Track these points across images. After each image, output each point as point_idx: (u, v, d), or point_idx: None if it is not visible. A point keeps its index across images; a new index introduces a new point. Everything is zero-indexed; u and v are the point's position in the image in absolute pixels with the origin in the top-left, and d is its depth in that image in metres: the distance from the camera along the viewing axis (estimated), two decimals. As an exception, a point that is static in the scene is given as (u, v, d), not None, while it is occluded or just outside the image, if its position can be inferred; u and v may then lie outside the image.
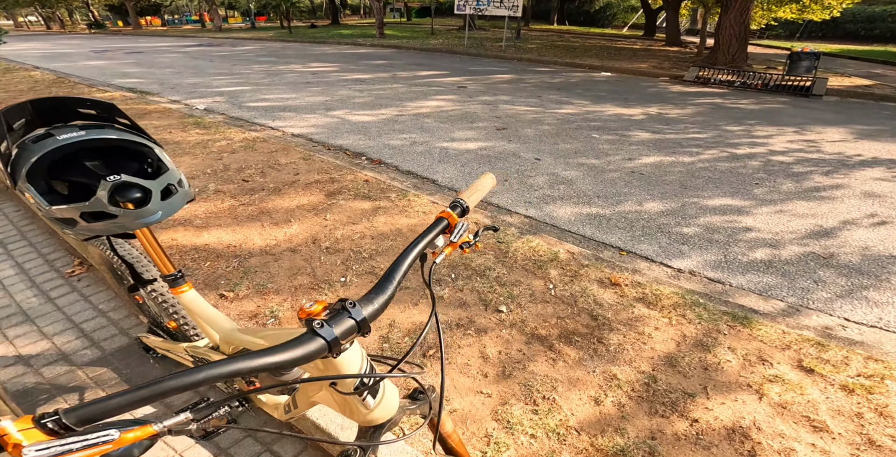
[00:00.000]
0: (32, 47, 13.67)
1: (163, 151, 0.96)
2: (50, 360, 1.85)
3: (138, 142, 0.92)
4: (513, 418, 1.54)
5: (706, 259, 2.61)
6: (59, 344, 1.95)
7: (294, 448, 1.48)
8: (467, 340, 1.86)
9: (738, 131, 5.58)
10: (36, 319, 2.10)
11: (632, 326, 1.94)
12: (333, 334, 0.51)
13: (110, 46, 14.47)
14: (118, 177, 0.81)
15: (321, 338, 0.50)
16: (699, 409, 1.58)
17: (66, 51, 13.85)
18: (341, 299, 0.56)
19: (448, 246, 0.74)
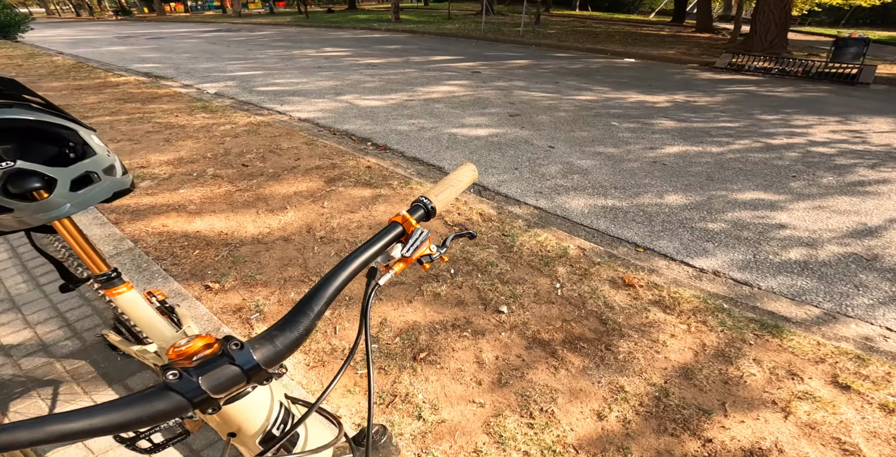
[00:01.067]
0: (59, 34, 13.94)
1: (92, 134, 0.82)
2: (30, 351, 1.78)
3: (55, 123, 0.77)
4: (506, 432, 1.39)
5: (733, 258, 2.38)
6: (41, 334, 1.88)
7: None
8: (462, 342, 1.71)
9: (775, 120, 5.19)
10: (22, 307, 2.04)
11: (645, 333, 1.75)
12: (198, 388, 0.37)
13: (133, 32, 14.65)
14: (11, 163, 0.67)
15: (177, 393, 0.36)
16: (715, 427, 1.40)
17: (91, 37, 14.06)
18: (226, 338, 0.41)
19: (399, 261, 0.59)
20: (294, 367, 1.61)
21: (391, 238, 0.58)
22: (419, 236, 0.59)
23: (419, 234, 0.59)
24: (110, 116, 4.61)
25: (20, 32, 11.60)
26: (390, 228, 0.59)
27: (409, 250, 0.58)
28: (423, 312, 1.85)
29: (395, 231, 0.58)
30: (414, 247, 0.58)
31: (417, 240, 0.59)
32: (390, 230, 0.58)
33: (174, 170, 3.26)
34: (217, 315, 1.91)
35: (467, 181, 0.72)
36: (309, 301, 0.46)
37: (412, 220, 0.60)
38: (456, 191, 0.69)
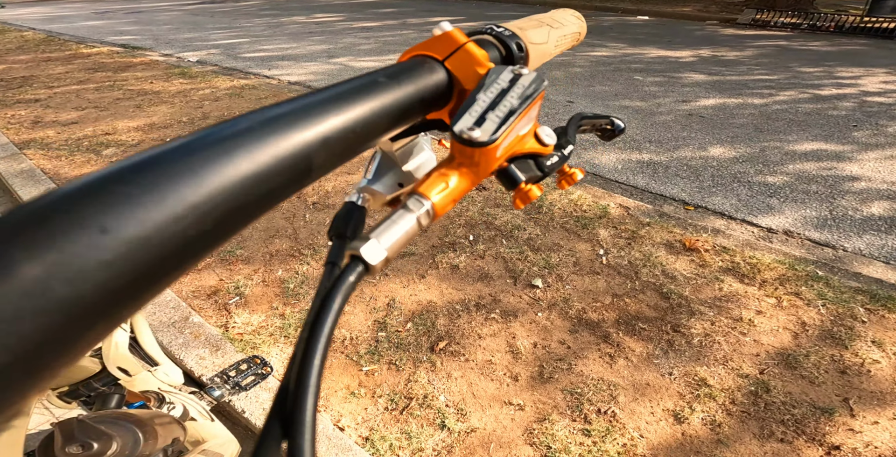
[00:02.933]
0: (34, 12, 13.31)
1: None
2: None
3: None
4: (555, 442, 1.05)
5: (805, 215, 1.98)
6: None
7: None
8: (490, 327, 1.35)
9: (817, 73, 4.67)
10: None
11: (722, 310, 1.38)
12: None
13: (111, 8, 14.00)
14: None
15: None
16: (840, 430, 1.05)
17: (67, 14, 13.41)
18: None
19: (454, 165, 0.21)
20: (282, 364, 1.27)
21: (411, 98, 0.20)
22: (510, 85, 0.21)
23: (510, 79, 0.21)
24: (77, 85, 4.18)
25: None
26: (407, 68, 0.21)
27: (483, 121, 0.20)
28: (440, 290, 1.49)
29: (421, 77, 0.21)
30: (498, 111, 0.20)
31: (507, 94, 0.21)
32: (407, 73, 0.21)
33: (144, 136, 2.86)
34: (186, 301, 1.56)
35: (572, 31, 0.33)
36: None
37: (474, 48, 0.22)
38: (557, 37, 0.30)
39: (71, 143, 2.74)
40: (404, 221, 0.19)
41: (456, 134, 0.20)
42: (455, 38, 0.22)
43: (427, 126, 0.25)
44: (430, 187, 0.20)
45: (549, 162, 0.24)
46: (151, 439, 0.48)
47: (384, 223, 0.19)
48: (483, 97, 0.21)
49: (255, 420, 1.10)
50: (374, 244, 0.18)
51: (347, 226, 0.23)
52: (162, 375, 0.77)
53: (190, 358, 1.28)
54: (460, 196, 0.21)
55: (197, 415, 0.76)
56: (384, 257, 0.18)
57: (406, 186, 0.28)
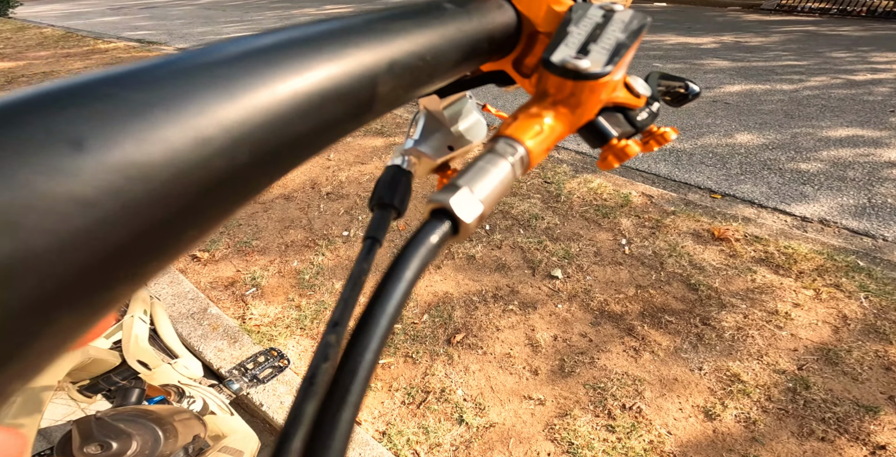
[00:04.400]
0: (51, 9, 13.65)
1: None
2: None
3: None
4: (577, 438, 1.01)
5: (842, 203, 1.87)
6: None
7: None
8: (509, 319, 1.31)
9: (850, 58, 4.44)
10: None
11: (755, 302, 1.31)
12: None
13: (126, 3, 14.30)
14: None
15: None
16: (886, 429, 0.99)
17: (84, 10, 13.73)
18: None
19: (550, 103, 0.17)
20: (299, 356, 1.26)
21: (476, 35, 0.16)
22: (605, 21, 0.17)
23: (602, 15, 0.17)
24: (97, 80, 4.25)
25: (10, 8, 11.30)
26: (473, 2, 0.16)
27: (589, 52, 0.16)
28: (456, 281, 1.46)
29: (487, 14, 0.17)
30: (604, 43, 0.16)
31: (605, 29, 0.17)
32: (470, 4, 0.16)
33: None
34: (204, 292, 1.56)
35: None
36: None
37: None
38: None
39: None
40: (498, 168, 0.15)
41: (555, 64, 0.16)
42: None
43: (483, 79, 0.21)
44: (521, 129, 0.16)
45: (640, 117, 0.20)
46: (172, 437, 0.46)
47: (471, 169, 0.14)
48: (576, 30, 0.17)
49: (273, 414, 1.08)
50: (466, 195, 0.13)
51: (394, 194, 0.19)
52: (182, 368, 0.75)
53: (209, 350, 1.27)
54: (555, 143, 0.17)
55: (217, 409, 0.74)
56: (480, 213, 0.14)
57: (456, 149, 0.24)
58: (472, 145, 0.25)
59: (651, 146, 0.21)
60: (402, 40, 0.13)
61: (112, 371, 0.60)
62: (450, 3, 0.16)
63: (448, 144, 0.24)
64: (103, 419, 0.40)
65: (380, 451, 0.99)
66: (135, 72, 0.09)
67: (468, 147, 0.25)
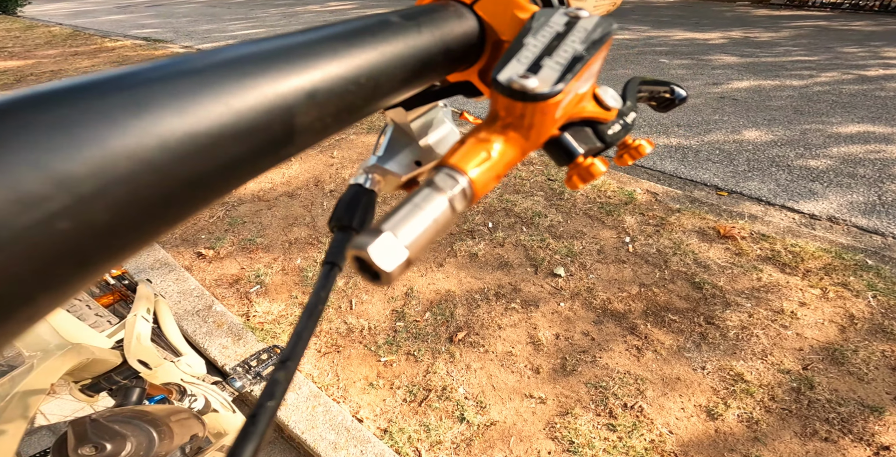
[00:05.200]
0: (59, 7, 13.78)
1: None
2: None
3: None
4: (578, 437, 1.01)
5: (851, 201, 1.85)
6: None
7: None
8: (511, 317, 1.31)
9: (862, 53, 4.36)
10: None
11: (761, 301, 1.30)
12: None
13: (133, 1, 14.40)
14: None
15: None
16: (890, 431, 0.97)
17: (91, 8, 13.84)
18: None
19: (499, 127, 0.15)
20: (298, 350, 1.26)
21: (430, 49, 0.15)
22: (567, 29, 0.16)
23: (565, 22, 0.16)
24: (104, 79, 4.29)
25: (18, 7, 11.42)
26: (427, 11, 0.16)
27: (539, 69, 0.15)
28: (458, 279, 1.46)
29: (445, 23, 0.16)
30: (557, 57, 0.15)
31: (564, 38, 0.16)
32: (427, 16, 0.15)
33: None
34: (209, 289, 1.57)
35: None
36: None
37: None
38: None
39: (97, 135, 2.82)
40: (432, 205, 0.13)
41: (502, 84, 0.15)
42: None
43: (450, 90, 0.20)
44: (465, 158, 0.15)
45: (612, 130, 0.19)
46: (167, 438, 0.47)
47: (402, 209, 0.13)
48: (533, 41, 0.16)
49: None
50: (388, 240, 0.12)
51: (353, 215, 0.19)
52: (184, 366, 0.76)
53: (213, 347, 1.28)
54: (507, 170, 0.16)
55: (219, 406, 0.75)
56: (404, 260, 0.12)
57: (424, 164, 0.23)
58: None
59: (625, 160, 0.21)
60: (326, 63, 0.12)
61: (113, 371, 0.60)
62: (396, 17, 0.15)
63: (416, 159, 0.23)
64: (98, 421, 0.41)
65: (381, 448, 1.00)
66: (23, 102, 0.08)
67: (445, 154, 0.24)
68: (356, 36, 0.13)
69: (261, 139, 0.10)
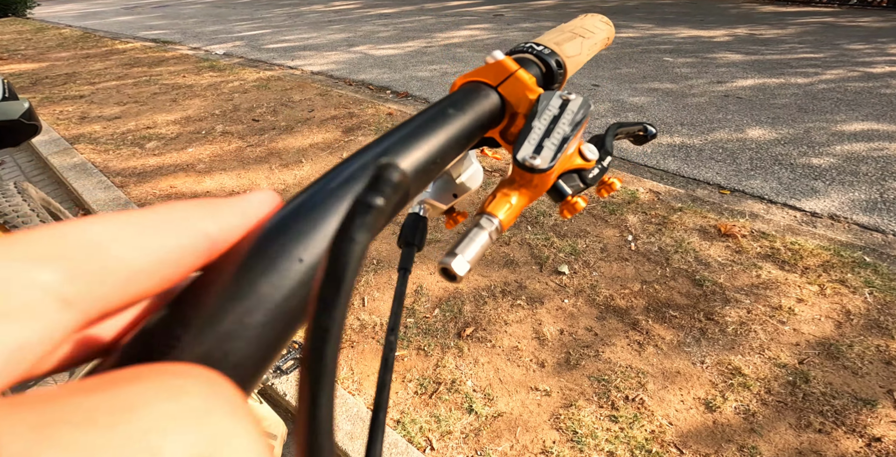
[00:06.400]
0: (67, 8, 13.89)
1: None
2: None
3: None
4: (582, 428, 1.06)
5: (853, 198, 1.87)
6: None
7: None
8: (517, 313, 1.36)
9: (868, 50, 4.32)
10: None
11: (759, 297, 1.34)
12: None
13: (140, 2, 14.48)
14: None
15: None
16: (882, 422, 1.01)
17: (99, 10, 13.93)
18: None
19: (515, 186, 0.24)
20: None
21: (471, 125, 0.21)
22: (560, 111, 0.23)
23: (560, 104, 0.23)
24: (117, 81, 4.36)
25: (28, 9, 11.53)
26: (465, 96, 0.22)
27: (541, 149, 0.22)
28: (466, 277, 1.51)
29: (478, 104, 0.22)
30: (553, 139, 0.22)
31: (558, 120, 0.23)
32: (466, 101, 0.22)
33: (181, 129, 2.97)
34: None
35: (601, 38, 0.34)
36: None
37: (524, 74, 0.24)
38: (589, 47, 0.31)
39: (116, 137, 2.89)
40: (480, 237, 0.21)
41: (519, 162, 0.22)
42: (507, 67, 0.24)
43: (479, 144, 0.27)
44: (497, 207, 0.22)
45: (592, 175, 0.26)
46: None
47: (465, 240, 0.21)
48: (538, 124, 0.22)
49: (296, 403, 1.16)
50: (459, 259, 0.20)
51: (414, 235, 0.26)
52: None
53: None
54: (520, 212, 0.23)
55: None
56: (468, 269, 0.21)
57: (459, 195, 0.31)
58: (471, 191, 0.31)
59: (602, 193, 0.28)
60: (419, 152, 0.18)
61: None
62: (451, 108, 0.21)
63: (453, 193, 0.30)
64: None
65: (394, 438, 1.05)
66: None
67: (469, 193, 0.31)
68: (431, 128, 0.19)
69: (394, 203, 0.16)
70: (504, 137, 0.25)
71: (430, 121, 0.20)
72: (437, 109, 0.20)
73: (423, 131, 0.19)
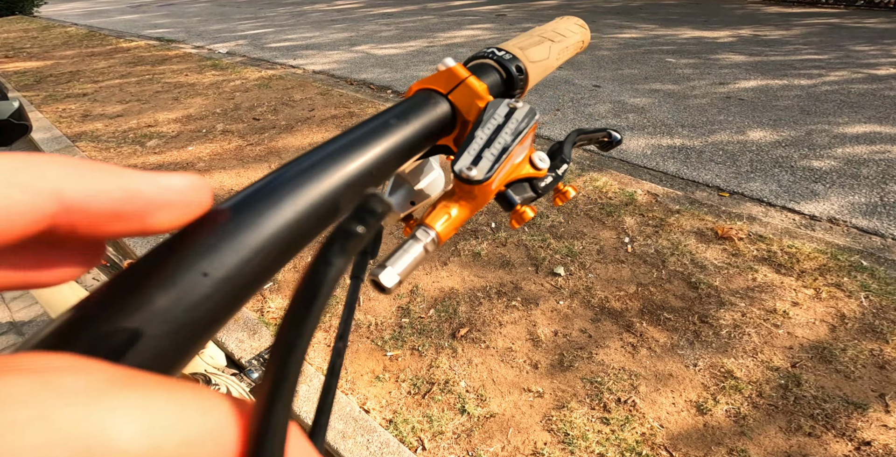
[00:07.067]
0: (73, 7, 13.97)
1: None
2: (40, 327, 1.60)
3: None
4: (573, 429, 1.07)
5: (853, 201, 1.86)
6: None
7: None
8: (511, 314, 1.36)
9: (873, 51, 4.29)
10: None
11: (754, 300, 1.34)
12: None
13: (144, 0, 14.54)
14: None
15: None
16: (873, 426, 1.01)
17: (104, 8, 14.00)
18: None
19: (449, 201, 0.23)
20: (312, 348, 1.33)
21: (418, 133, 0.22)
22: (505, 120, 0.23)
23: (505, 113, 0.23)
24: (120, 79, 4.38)
25: (35, 7, 11.59)
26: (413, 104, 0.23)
27: (479, 160, 0.22)
28: (462, 277, 1.51)
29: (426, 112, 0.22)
30: (493, 149, 0.22)
31: (501, 129, 0.23)
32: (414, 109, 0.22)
33: (182, 127, 2.99)
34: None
35: (574, 41, 0.33)
36: None
37: (474, 82, 0.24)
38: (558, 51, 0.31)
39: (118, 135, 2.91)
40: (413, 249, 0.21)
41: (456, 173, 0.22)
42: (457, 74, 0.24)
43: (435, 151, 0.27)
44: (434, 219, 0.22)
45: (543, 184, 0.25)
46: None
47: (397, 252, 0.21)
48: (480, 134, 0.22)
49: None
50: (389, 271, 0.20)
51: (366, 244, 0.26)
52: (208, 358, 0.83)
53: (231, 341, 1.36)
54: (461, 224, 0.23)
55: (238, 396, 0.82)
56: (397, 281, 0.20)
57: (417, 203, 0.30)
58: (431, 198, 0.30)
59: (557, 202, 0.27)
60: (352, 164, 0.18)
61: None
62: (394, 118, 0.20)
63: (411, 200, 0.30)
64: None
65: (386, 438, 1.06)
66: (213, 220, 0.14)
67: (428, 200, 0.30)
68: (368, 140, 0.19)
69: (322, 216, 0.17)
70: (457, 145, 0.25)
71: (371, 132, 0.20)
72: (380, 121, 0.20)
73: (359, 144, 0.19)
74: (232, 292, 0.13)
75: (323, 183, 0.17)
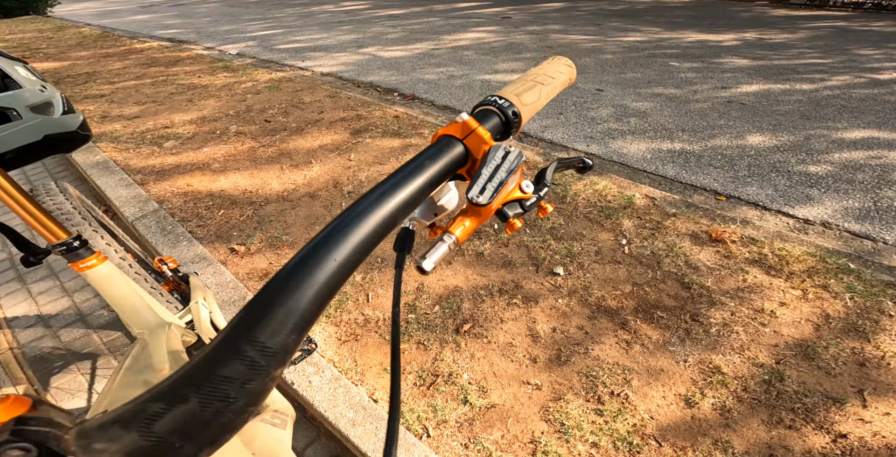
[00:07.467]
0: (86, 6, 14.15)
1: (17, 65, 0.58)
2: (68, 321, 1.69)
3: None
4: (569, 420, 1.14)
5: (846, 206, 1.92)
6: (78, 302, 1.79)
7: (289, 440, 1.19)
8: (512, 311, 1.44)
9: (877, 55, 4.30)
10: (59, 273, 1.96)
11: (744, 300, 1.40)
12: None
13: (155, 1, 14.69)
14: None
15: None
16: (850, 420, 1.08)
17: (116, 8, 14.16)
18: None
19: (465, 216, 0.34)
20: (325, 341, 1.42)
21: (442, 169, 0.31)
22: (502, 160, 0.33)
23: (502, 155, 0.33)
24: (135, 81, 4.49)
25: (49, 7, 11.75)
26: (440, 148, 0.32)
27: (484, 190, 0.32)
28: (465, 276, 1.59)
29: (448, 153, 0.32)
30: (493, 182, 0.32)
31: (499, 168, 0.33)
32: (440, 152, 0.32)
33: (197, 129, 3.09)
34: (242, 281, 1.74)
35: (562, 81, 0.42)
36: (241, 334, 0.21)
37: (482, 131, 0.33)
38: (547, 92, 0.40)
39: (136, 136, 3.01)
40: (442, 247, 0.32)
41: (468, 199, 0.32)
42: (469, 125, 0.33)
43: (453, 177, 0.37)
44: (455, 227, 0.33)
45: (529, 203, 0.35)
46: None
47: (432, 249, 0.31)
48: (485, 171, 0.32)
49: (302, 391, 1.25)
50: (428, 260, 0.31)
51: (405, 243, 0.37)
52: None
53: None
54: (472, 231, 0.34)
55: None
56: (432, 267, 0.31)
57: (439, 214, 0.42)
58: (448, 211, 0.41)
59: (539, 215, 0.37)
60: (403, 194, 0.27)
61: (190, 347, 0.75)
62: (427, 160, 0.30)
63: (434, 212, 0.41)
64: None
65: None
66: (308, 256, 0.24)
67: (446, 212, 0.41)
68: (412, 177, 0.29)
69: (386, 231, 0.26)
70: (470, 175, 0.35)
71: (413, 170, 0.29)
72: (417, 163, 0.30)
73: (407, 179, 0.28)
74: (346, 271, 0.23)
75: (389, 205, 0.26)
